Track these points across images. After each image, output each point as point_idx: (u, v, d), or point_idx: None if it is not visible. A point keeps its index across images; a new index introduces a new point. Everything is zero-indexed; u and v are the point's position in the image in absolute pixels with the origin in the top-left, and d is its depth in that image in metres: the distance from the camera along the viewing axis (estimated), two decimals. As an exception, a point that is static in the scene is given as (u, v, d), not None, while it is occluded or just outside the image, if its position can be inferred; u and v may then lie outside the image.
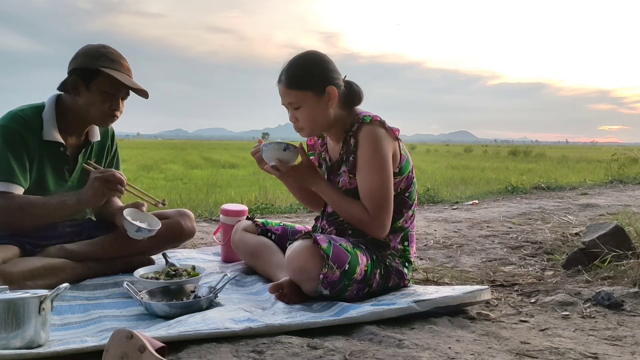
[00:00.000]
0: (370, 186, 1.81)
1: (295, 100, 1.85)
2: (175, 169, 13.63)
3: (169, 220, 2.30)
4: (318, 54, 1.91)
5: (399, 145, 1.91)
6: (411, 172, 1.97)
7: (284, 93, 1.87)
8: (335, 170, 1.98)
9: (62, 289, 1.48)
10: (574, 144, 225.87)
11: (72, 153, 2.16)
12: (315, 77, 1.85)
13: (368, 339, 1.49)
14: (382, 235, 1.87)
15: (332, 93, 1.85)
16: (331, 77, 1.87)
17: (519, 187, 6.82)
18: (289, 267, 1.77)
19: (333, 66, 1.90)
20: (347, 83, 1.94)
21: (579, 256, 2.41)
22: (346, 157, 1.92)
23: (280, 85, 1.88)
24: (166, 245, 2.34)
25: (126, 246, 2.20)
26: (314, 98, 1.84)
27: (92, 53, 2.06)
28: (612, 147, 13.26)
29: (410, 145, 40.55)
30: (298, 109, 1.86)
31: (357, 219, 1.85)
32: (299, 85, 1.84)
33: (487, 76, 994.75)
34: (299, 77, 1.84)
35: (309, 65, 1.87)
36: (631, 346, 1.51)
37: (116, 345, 1.18)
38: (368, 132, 1.83)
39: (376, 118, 1.86)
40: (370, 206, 1.82)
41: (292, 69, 1.86)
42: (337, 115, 1.90)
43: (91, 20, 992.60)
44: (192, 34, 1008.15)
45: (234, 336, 1.45)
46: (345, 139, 1.92)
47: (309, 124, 1.89)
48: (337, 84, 1.88)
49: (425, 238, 3.29)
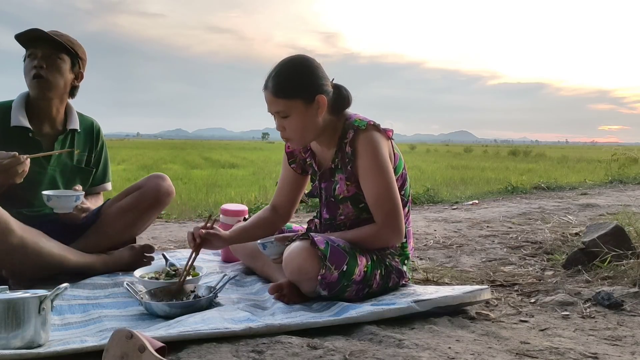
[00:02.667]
0: (376, 192, 1.79)
1: (283, 109, 1.78)
2: (175, 169, 13.62)
3: (142, 189, 2.30)
4: (307, 60, 1.83)
5: (392, 145, 1.90)
6: (404, 169, 1.96)
7: (271, 101, 1.80)
8: (328, 177, 1.94)
9: (62, 289, 1.48)
10: (574, 144, 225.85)
11: (49, 141, 2.20)
12: (304, 86, 1.78)
13: (368, 339, 1.49)
14: (400, 240, 1.84)
15: (322, 102, 1.79)
16: (320, 84, 1.81)
17: (519, 187, 6.81)
18: (286, 268, 1.77)
19: (322, 72, 1.84)
20: (336, 87, 1.88)
21: (579, 256, 2.41)
22: (341, 164, 1.87)
23: (267, 92, 1.80)
24: (148, 213, 2.32)
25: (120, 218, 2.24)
26: (302, 107, 1.78)
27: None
28: (612, 147, 13.26)
29: (410, 145, 40.56)
30: (286, 117, 1.80)
31: (372, 237, 1.81)
32: (287, 94, 1.77)
33: (487, 76, 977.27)
34: (287, 85, 1.77)
35: (298, 73, 1.80)
36: (631, 346, 1.51)
37: (116, 345, 1.18)
38: (366, 139, 1.80)
39: (370, 122, 1.83)
40: (380, 213, 1.80)
41: (280, 76, 1.78)
42: (326, 121, 1.85)
43: (91, 20, 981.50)
44: (192, 34, 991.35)
45: (234, 336, 1.45)
46: (339, 146, 1.88)
47: (297, 134, 1.83)
48: (327, 91, 1.82)
49: (425, 238, 3.29)
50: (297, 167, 2.07)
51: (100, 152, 2.41)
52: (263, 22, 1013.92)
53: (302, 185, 2.12)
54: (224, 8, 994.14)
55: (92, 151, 2.37)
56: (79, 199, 2.09)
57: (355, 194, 1.87)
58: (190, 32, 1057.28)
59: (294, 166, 2.07)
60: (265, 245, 1.90)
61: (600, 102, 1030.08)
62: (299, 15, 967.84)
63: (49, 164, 2.20)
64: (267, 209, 2.14)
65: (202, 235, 1.92)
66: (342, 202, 1.90)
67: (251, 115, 72.90)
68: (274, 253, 1.90)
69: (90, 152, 2.36)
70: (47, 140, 2.21)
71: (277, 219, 2.13)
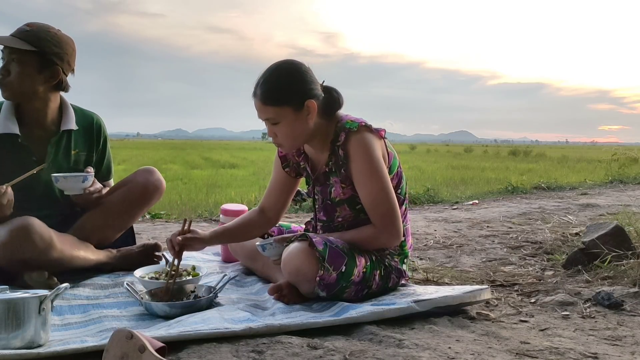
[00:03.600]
0: (371, 194, 1.79)
1: (273, 116, 1.77)
2: (176, 169, 13.63)
3: (129, 184, 2.28)
4: (294, 65, 1.82)
5: (385, 144, 1.89)
6: (399, 167, 1.95)
7: (260, 109, 1.79)
8: (323, 181, 1.93)
9: (62, 289, 1.48)
10: (574, 144, 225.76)
11: (40, 144, 2.15)
12: (293, 92, 1.77)
13: (368, 339, 1.49)
14: (398, 240, 1.84)
15: (312, 107, 1.78)
16: (309, 89, 1.79)
17: (519, 187, 6.81)
18: (285, 269, 1.76)
19: (310, 76, 1.82)
20: (326, 90, 1.86)
21: (579, 256, 2.41)
22: (336, 168, 1.86)
23: (256, 99, 1.79)
24: (135, 209, 2.31)
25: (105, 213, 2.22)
26: (292, 113, 1.76)
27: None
28: (612, 147, 13.26)
29: (410, 145, 40.54)
30: (276, 124, 1.79)
31: (370, 239, 1.81)
32: (276, 102, 1.75)
33: (487, 76, 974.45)
34: (275, 92, 1.76)
35: (286, 80, 1.78)
36: (631, 346, 1.51)
37: (116, 345, 1.18)
38: (358, 141, 1.79)
39: (362, 123, 1.82)
40: (376, 215, 1.79)
41: (268, 83, 1.77)
42: (317, 125, 1.83)
43: (91, 20, 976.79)
44: (192, 34, 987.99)
45: (234, 336, 1.45)
46: (332, 150, 1.86)
47: (288, 140, 1.83)
48: (317, 95, 1.81)
49: (425, 238, 3.29)
50: (292, 170, 2.06)
51: (103, 149, 2.34)
52: (263, 22, 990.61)
53: (293, 188, 2.11)
54: (224, 8, 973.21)
55: (93, 149, 2.30)
56: (86, 179, 2.07)
57: (352, 196, 1.86)
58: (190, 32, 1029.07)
59: (288, 170, 2.05)
60: (265, 247, 1.90)
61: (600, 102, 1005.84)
62: (299, 15, 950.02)
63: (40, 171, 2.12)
64: (255, 211, 2.12)
65: (179, 242, 1.91)
66: (339, 204, 1.89)
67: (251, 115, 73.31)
68: (273, 254, 1.90)
69: (91, 151, 2.29)
70: (38, 144, 2.14)
71: (264, 222, 2.11)
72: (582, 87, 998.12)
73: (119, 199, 2.25)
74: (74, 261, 2.03)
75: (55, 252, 1.93)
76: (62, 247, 1.96)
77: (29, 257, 1.87)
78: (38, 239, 1.88)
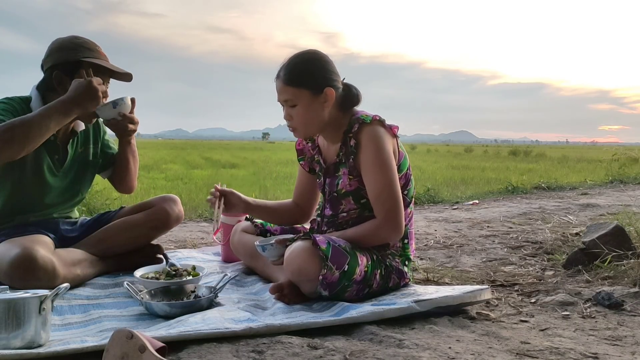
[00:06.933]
0: (378, 187, 1.81)
1: (291, 97, 1.85)
2: (176, 169, 13.62)
3: (154, 208, 2.30)
4: (319, 54, 1.91)
5: (397, 143, 1.91)
6: (409, 169, 1.97)
7: (281, 89, 1.87)
8: (332, 172, 1.96)
9: (63, 289, 1.48)
10: (574, 144, 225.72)
11: (62, 143, 2.16)
12: (314, 77, 1.85)
13: (368, 339, 1.49)
14: (399, 236, 1.85)
15: (330, 94, 1.85)
16: (330, 78, 1.87)
17: (519, 187, 6.81)
18: (287, 268, 1.77)
19: (333, 67, 1.90)
20: (346, 86, 1.93)
21: (579, 256, 2.40)
22: (345, 158, 1.91)
23: (278, 81, 1.87)
24: (154, 233, 2.33)
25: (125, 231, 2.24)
26: (310, 97, 1.84)
27: (68, 45, 2.05)
28: (612, 147, 13.25)
29: (410, 145, 40.54)
30: (294, 107, 1.86)
31: (372, 233, 1.82)
32: (297, 83, 1.84)
33: (487, 76, 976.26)
34: (297, 74, 1.84)
35: (309, 64, 1.87)
36: (631, 346, 1.51)
37: (116, 345, 1.18)
38: (370, 132, 1.83)
39: (375, 117, 1.86)
40: (380, 207, 1.81)
41: (291, 66, 1.85)
42: (332, 116, 1.89)
43: (91, 20, 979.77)
44: (192, 34, 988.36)
45: (234, 336, 1.45)
46: (344, 140, 1.91)
47: (302, 124, 1.89)
48: (335, 86, 1.88)
49: (425, 238, 3.29)
50: (306, 164, 2.13)
51: (104, 135, 2.35)
52: (263, 22, 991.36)
53: (316, 183, 2.14)
54: (224, 8, 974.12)
55: (98, 140, 2.31)
56: (117, 104, 2.05)
57: (358, 188, 1.88)
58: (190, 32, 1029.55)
59: (303, 163, 2.14)
60: (265, 248, 1.90)
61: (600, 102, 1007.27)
62: (299, 15, 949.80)
63: (61, 167, 2.15)
64: (290, 202, 2.23)
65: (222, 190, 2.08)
66: (344, 196, 1.91)
67: (251, 115, 71.93)
68: (273, 255, 1.89)
69: (96, 143, 2.31)
70: (62, 143, 2.16)
71: (299, 213, 2.22)
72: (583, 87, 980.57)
73: (142, 221, 2.27)
74: (74, 281, 2.00)
75: (58, 280, 1.89)
76: (64, 273, 1.93)
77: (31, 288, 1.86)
78: (42, 274, 1.85)
